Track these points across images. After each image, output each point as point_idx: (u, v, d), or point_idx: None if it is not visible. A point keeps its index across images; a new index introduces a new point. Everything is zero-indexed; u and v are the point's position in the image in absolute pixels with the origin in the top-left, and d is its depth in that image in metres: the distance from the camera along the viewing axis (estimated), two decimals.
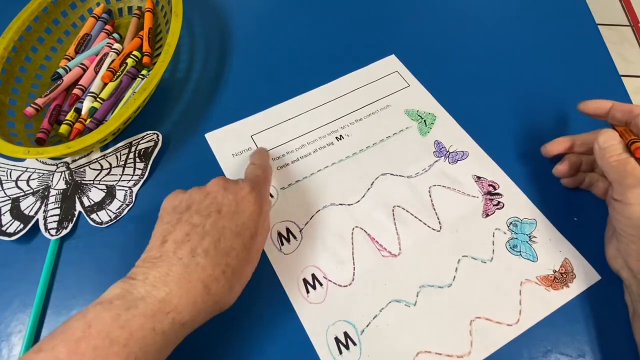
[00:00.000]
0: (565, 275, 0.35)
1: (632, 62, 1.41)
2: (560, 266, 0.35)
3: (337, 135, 0.43)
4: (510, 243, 0.36)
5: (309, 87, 0.46)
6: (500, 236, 0.37)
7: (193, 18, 0.53)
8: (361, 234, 0.38)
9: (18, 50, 0.45)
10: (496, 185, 0.39)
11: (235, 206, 0.31)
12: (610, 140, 0.32)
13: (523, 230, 0.37)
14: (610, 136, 0.32)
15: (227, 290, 0.29)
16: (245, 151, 0.42)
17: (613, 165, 0.31)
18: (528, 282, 0.35)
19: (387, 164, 0.41)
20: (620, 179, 0.30)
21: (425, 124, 0.43)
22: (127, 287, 0.27)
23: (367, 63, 0.48)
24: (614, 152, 0.32)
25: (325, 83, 0.47)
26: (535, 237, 0.37)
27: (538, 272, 0.35)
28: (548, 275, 0.35)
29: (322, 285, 0.35)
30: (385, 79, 0.47)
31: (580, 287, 0.34)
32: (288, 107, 0.45)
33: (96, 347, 0.24)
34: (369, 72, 0.47)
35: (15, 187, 0.41)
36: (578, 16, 0.52)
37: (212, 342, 0.33)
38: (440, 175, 0.40)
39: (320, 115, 0.45)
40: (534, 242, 0.36)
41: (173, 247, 0.28)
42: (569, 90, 0.45)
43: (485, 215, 0.38)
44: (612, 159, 0.31)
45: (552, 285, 0.34)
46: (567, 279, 0.35)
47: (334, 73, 0.47)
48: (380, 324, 0.34)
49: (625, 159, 0.31)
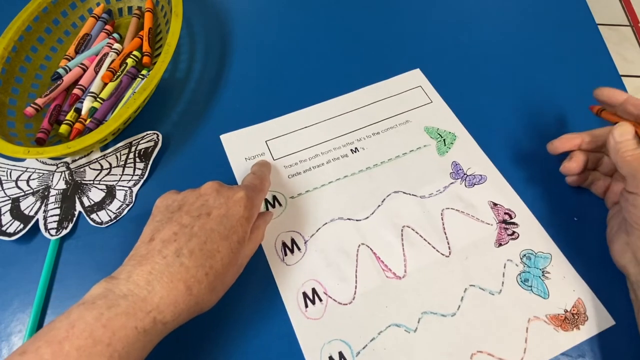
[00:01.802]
0: (577, 316, 0.33)
1: (632, 62, 1.40)
2: (572, 306, 0.33)
3: (352, 148, 0.42)
4: (521, 276, 0.35)
5: (327, 96, 0.46)
6: (511, 268, 0.35)
7: (193, 18, 0.53)
8: (367, 251, 0.37)
9: (18, 50, 0.46)
10: (512, 214, 0.38)
11: (226, 210, 0.31)
12: (626, 135, 0.32)
13: (537, 264, 0.35)
14: (626, 130, 0.32)
15: (209, 292, 0.29)
16: (258, 156, 0.42)
17: (628, 160, 0.32)
18: (536, 320, 0.33)
19: (401, 181, 0.40)
20: (635, 173, 0.31)
21: (444, 143, 0.42)
22: (109, 287, 0.27)
23: (390, 75, 0.47)
24: (629, 147, 0.32)
25: (344, 93, 0.46)
26: (548, 273, 0.35)
27: (548, 310, 0.33)
28: (559, 314, 0.33)
29: (322, 301, 0.35)
30: (407, 93, 0.46)
31: (591, 331, 0.32)
32: (305, 115, 0.45)
33: (79, 347, 0.24)
34: (392, 85, 0.46)
35: (15, 187, 0.41)
36: (578, 16, 0.51)
37: (203, 349, 0.33)
38: (455, 199, 0.39)
39: (337, 125, 0.44)
40: (547, 278, 0.35)
41: (159, 245, 0.28)
42: (569, 90, 0.45)
43: (498, 245, 0.36)
44: (626, 153, 0.32)
45: (561, 326, 0.33)
46: (579, 321, 0.33)
47: (354, 83, 0.46)
48: (377, 348, 0.33)
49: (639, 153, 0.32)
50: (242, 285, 0.33)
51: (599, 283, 0.34)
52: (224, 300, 0.31)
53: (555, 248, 0.36)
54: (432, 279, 0.35)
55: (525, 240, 0.37)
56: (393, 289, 0.35)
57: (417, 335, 0.33)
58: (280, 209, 0.39)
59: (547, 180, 0.40)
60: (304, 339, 0.33)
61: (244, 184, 0.36)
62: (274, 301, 0.35)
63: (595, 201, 0.38)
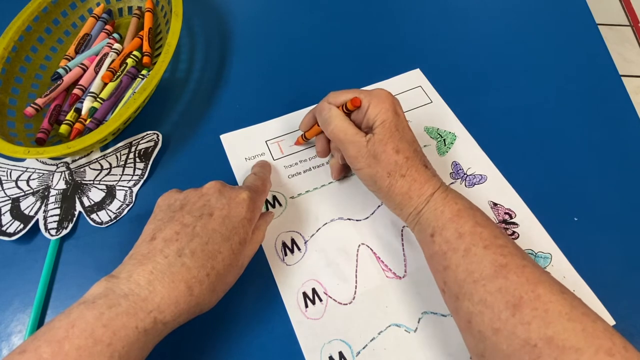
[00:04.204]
0: None
1: (632, 62, 1.40)
2: None
3: None
4: None
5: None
6: None
7: (193, 18, 0.53)
8: (367, 251, 0.37)
9: (18, 50, 0.46)
10: (513, 213, 0.38)
11: (228, 210, 0.31)
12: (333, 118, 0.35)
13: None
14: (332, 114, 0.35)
15: (210, 292, 0.29)
16: (258, 156, 0.42)
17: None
18: None
19: None
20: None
21: (444, 143, 0.42)
22: (110, 286, 0.27)
23: (390, 75, 0.47)
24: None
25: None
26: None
27: None
28: None
29: (322, 301, 0.35)
30: (407, 93, 0.46)
31: None
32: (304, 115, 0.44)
33: (79, 346, 0.24)
34: (392, 85, 0.46)
35: (15, 187, 0.41)
36: (578, 16, 0.51)
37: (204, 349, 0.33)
38: None
39: None
40: None
41: (161, 244, 0.28)
42: (569, 90, 0.45)
43: None
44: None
45: None
46: None
47: (354, 83, 0.46)
48: (377, 348, 0.33)
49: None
50: (242, 285, 0.33)
51: (599, 283, 0.34)
52: (224, 300, 0.31)
53: (555, 248, 0.36)
54: (432, 279, 0.35)
55: (525, 240, 0.37)
56: (393, 288, 0.35)
57: (417, 335, 0.33)
58: (280, 209, 0.39)
59: (547, 180, 0.40)
60: (304, 339, 0.33)
61: (245, 184, 0.36)
62: (274, 301, 0.35)
63: (595, 201, 0.38)
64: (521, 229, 0.37)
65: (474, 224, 0.30)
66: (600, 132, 0.42)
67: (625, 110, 0.44)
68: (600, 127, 0.43)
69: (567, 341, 0.24)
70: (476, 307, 0.27)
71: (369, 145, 0.33)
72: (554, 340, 0.24)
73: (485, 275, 0.27)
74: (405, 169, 0.32)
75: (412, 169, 0.32)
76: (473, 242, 0.29)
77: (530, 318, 0.25)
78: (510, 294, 0.26)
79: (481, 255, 0.28)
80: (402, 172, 0.32)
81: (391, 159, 0.32)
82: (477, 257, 0.28)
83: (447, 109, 0.44)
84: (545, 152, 0.41)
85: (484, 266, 0.28)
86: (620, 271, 0.35)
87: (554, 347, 0.24)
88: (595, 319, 0.25)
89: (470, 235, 0.29)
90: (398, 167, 0.32)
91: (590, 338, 0.24)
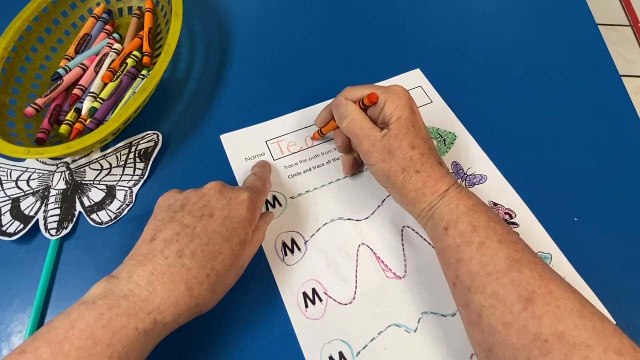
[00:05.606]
0: None
1: (632, 62, 1.41)
2: None
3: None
4: None
5: (327, 97, 0.45)
6: None
7: (193, 18, 0.53)
8: (367, 251, 0.37)
9: (18, 50, 0.46)
10: (513, 213, 0.38)
11: (228, 211, 0.31)
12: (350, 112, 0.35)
13: None
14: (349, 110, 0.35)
15: (210, 293, 0.29)
16: (258, 156, 0.42)
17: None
18: None
19: None
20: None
21: (444, 143, 0.42)
22: (110, 286, 0.27)
23: (390, 75, 0.47)
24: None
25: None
26: None
27: None
28: None
29: (322, 301, 0.35)
30: None
31: None
32: (305, 115, 0.45)
33: (79, 347, 0.24)
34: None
35: (15, 187, 0.41)
36: (578, 16, 0.51)
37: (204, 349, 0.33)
38: None
39: None
40: None
41: (161, 245, 0.28)
42: (569, 90, 0.45)
43: None
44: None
45: None
46: None
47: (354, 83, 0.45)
48: (377, 348, 0.33)
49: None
50: (242, 285, 0.33)
51: (599, 283, 0.34)
52: (224, 300, 0.31)
53: (555, 248, 0.36)
54: (432, 278, 0.35)
55: (525, 240, 0.36)
56: (393, 289, 0.35)
57: (417, 335, 0.33)
58: (280, 209, 0.39)
59: (547, 180, 0.40)
60: (304, 339, 0.33)
61: (245, 185, 0.36)
62: (274, 301, 0.35)
63: (595, 201, 0.38)
64: (521, 229, 0.37)
65: (487, 219, 0.30)
66: (601, 132, 0.42)
67: (625, 110, 0.44)
68: (601, 127, 0.43)
69: (577, 337, 0.24)
70: (488, 300, 0.27)
71: (384, 140, 0.33)
72: (565, 336, 0.24)
73: (499, 269, 0.28)
74: (420, 164, 0.32)
75: (426, 165, 0.32)
76: (487, 235, 0.29)
77: (542, 312, 0.25)
78: (523, 287, 0.26)
79: (495, 248, 0.28)
80: (417, 168, 0.32)
81: (406, 154, 0.32)
82: (491, 250, 0.28)
83: (447, 109, 0.44)
84: (545, 152, 0.41)
85: (498, 259, 0.28)
86: (620, 271, 0.35)
87: (564, 342, 0.24)
88: (604, 319, 0.25)
89: (485, 229, 0.29)
90: (413, 163, 0.32)
91: (600, 336, 0.24)
